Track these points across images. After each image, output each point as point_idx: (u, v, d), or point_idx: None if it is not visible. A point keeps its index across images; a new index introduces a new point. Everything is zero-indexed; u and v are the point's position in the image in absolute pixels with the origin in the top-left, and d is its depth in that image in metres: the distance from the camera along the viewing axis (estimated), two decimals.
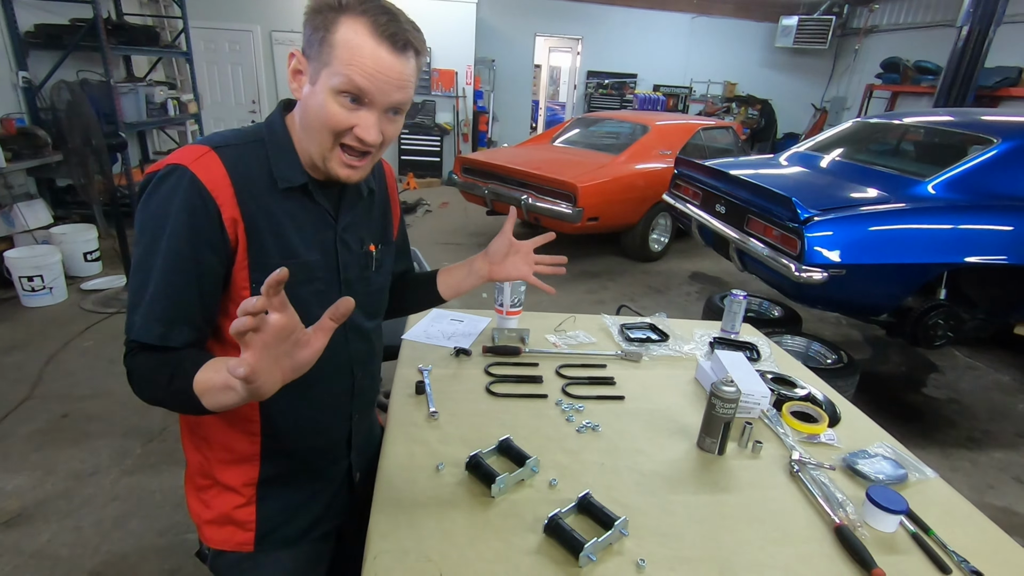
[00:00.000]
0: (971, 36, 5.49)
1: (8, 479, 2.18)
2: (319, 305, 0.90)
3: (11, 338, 3.22)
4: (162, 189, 0.79)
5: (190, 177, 0.78)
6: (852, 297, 2.76)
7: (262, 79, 7.75)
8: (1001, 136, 2.82)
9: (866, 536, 0.95)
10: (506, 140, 8.99)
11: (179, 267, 0.78)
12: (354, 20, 0.76)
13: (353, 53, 0.76)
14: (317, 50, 0.78)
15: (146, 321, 0.78)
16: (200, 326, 0.83)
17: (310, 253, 0.89)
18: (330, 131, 0.80)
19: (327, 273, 0.92)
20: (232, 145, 0.84)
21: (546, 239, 1.19)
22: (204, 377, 0.71)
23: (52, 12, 4.71)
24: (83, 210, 4.71)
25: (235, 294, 0.85)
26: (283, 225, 0.86)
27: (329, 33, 0.77)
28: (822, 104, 9.53)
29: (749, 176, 3.08)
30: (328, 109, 0.79)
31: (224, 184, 0.80)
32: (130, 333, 0.79)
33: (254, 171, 0.84)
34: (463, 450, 1.05)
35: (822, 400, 1.38)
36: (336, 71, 0.77)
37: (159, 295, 0.78)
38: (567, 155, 5.37)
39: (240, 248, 0.82)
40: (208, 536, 0.97)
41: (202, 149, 0.81)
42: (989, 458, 2.79)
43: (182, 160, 0.79)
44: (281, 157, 0.86)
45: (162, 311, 0.78)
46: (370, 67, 0.77)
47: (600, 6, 8.86)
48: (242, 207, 0.82)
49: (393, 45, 0.77)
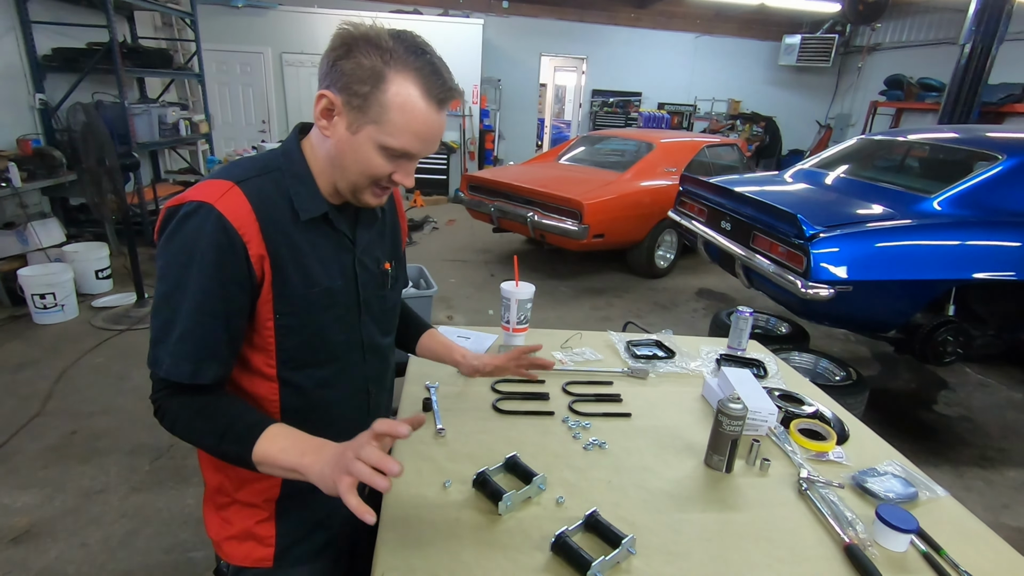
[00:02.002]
0: (974, 53, 5.52)
1: (17, 496, 2.19)
2: (340, 329, 0.93)
3: (23, 354, 3.25)
4: (188, 227, 0.78)
5: (216, 215, 0.78)
6: (859, 313, 2.75)
7: (272, 100, 7.89)
8: (1006, 152, 2.83)
9: (876, 555, 0.94)
10: (512, 158, 9.07)
11: (208, 306, 0.79)
12: (404, 78, 0.76)
13: (408, 119, 0.77)
14: (362, 103, 0.77)
15: (175, 360, 0.79)
16: (228, 362, 0.84)
17: (332, 280, 0.90)
18: (368, 177, 0.82)
19: (347, 297, 0.93)
20: (252, 178, 0.83)
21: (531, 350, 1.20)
22: (265, 451, 0.78)
23: (69, 36, 4.83)
24: (95, 228, 4.78)
25: (259, 326, 0.86)
26: (305, 255, 0.86)
27: (378, 91, 0.76)
28: (826, 121, 9.58)
29: (754, 193, 3.10)
30: (373, 162, 0.81)
31: (250, 220, 0.80)
32: (158, 370, 0.80)
33: (276, 203, 0.84)
34: (470, 467, 1.05)
35: (830, 417, 1.38)
36: (388, 132, 0.78)
37: (187, 334, 0.79)
38: (573, 173, 5.41)
39: (266, 282, 0.83)
40: (228, 552, 0.98)
41: (226, 185, 0.80)
42: (1003, 477, 2.74)
43: (207, 197, 0.78)
44: (301, 188, 0.86)
45: (193, 350, 0.79)
46: (423, 131, 0.79)
47: (605, 26, 8.98)
48: (267, 241, 0.82)
49: (441, 106, 0.80)
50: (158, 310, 0.80)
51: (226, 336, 0.82)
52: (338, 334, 0.93)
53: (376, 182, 0.84)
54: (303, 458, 0.76)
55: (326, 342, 0.92)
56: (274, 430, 0.79)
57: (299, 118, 7.81)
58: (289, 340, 0.88)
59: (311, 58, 7.66)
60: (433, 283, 3.10)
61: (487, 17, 8.26)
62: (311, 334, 0.89)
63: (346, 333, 0.94)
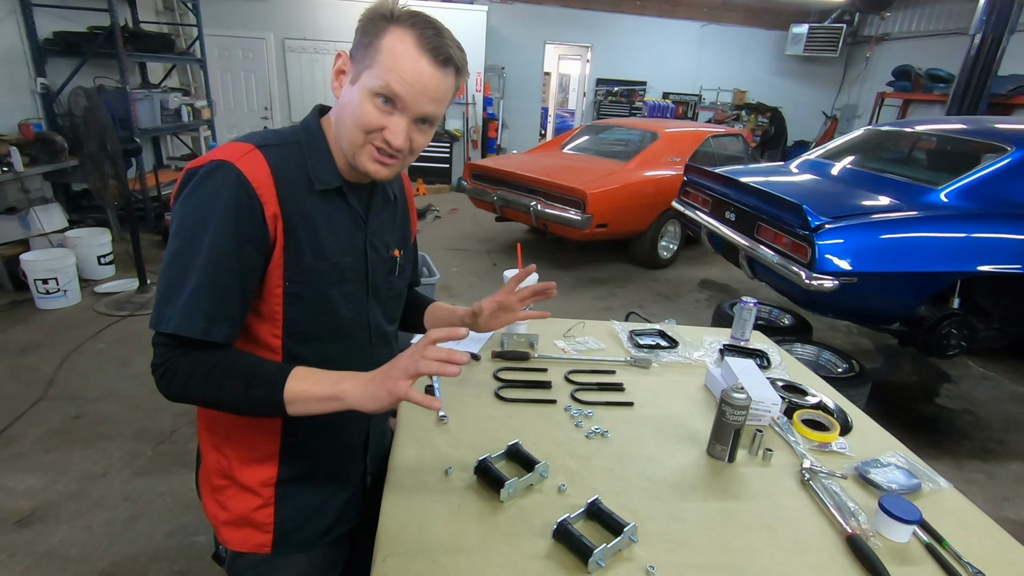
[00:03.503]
0: (984, 44, 5.46)
1: (21, 479, 2.21)
2: (347, 306, 0.93)
3: (26, 339, 3.26)
4: (208, 184, 0.79)
5: (237, 173, 0.79)
6: (863, 305, 2.74)
7: (275, 86, 7.83)
8: (1015, 144, 2.80)
9: (879, 546, 0.94)
10: (515, 147, 9.02)
11: (223, 262, 0.78)
12: (402, 30, 0.79)
13: (396, 60, 0.79)
14: (363, 53, 0.81)
15: (186, 315, 0.77)
16: (239, 323, 0.83)
17: (343, 255, 0.90)
18: (361, 128, 0.82)
19: (356, 275, 0.94)
20: (273, 145, 0.85)
21: (528, 273, 1.11)
22: (299, 388, 0.78)
23: (71, 20, 4.80)
24: (97, 214, 4.78)
25: (267, 293, 0.85)
26: (318, 226, 0.87)
27: (377, 39, 0.80)
28: (833, 112, 9.50)
29: (759, 183, 3.07)
30: (363, 108, 0.81)
31: (268, 182, 0.81)
32: (164, 327, 0.77)
33: (293, 172, 0.85)
34: (472, 454, 1.05)
35: (833, 408, 1.37)
36: (376, 74, 0.79)
37: (201, 289, 0.77)
38: (576, 162, 5.38)
39: (277, 246, 0.83)
40: (226, 538, 0.98)
41: (247, 147, 0.82)
42: (1005, 470, 2.74)
43: (228, 157, 0.80)
44: (318, 160, 0.88)
45: (206, 305, 0.77)
46: (409, 75, 0.79)
47: (610, 14, 8.89)
48: (283, 205, 0.83)
49: (435, 58, 0.80)
50: (168, 267, 0.79)
51: (240, 294, 0.81)
52: (345, 311, 0.93)
53: (369, 139, 0.83)
54: (340, 383, 0.78)
55: (333, 317, 0.92)
56: (301, 371, 0.80)
57: (302, 104, 7.85)
58: (296, 310, 0.88)
59: (314, 44, 7.59)
60: (436, 271, 3.10)
61: (491, 4, 8.18)
62: (318, 306, 0.89)
63: (354, 311, 0.94)
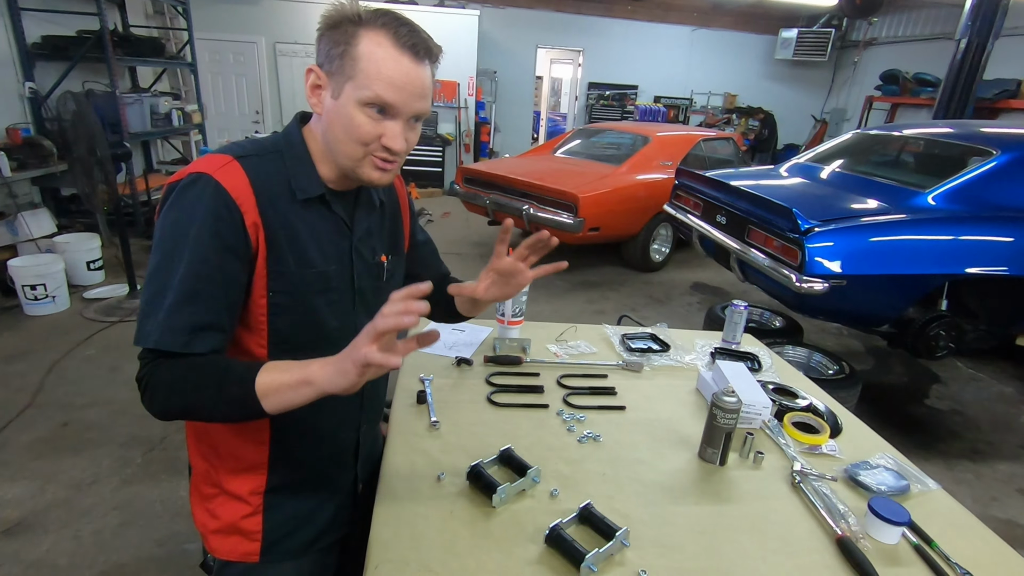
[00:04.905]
0: (970, 48, 5.52)
1: (8, 488, 2.18)
2: (332, 315, 0.92)
3: (14, 346, 3.23)
4: (187, 197, 0.79)
5: (215, 185, 0.79)
6: (853, 308, 2.76)
7: (266, 90, 7.82)
8: (1000, 148, 2.84)
9: (868, 548, 0.94)
10: (508, 151, 9.02)
11: (204, 274, 0.78)
12: (375, 32, 0.78)
13: (379, 66, 0.78)
14: (339, 64, 0.79)
15: (167, 329, 0.76)
16: (225, 333, 0.82)
17: (327, 264, 0.90)
18: (359, 142, 0.82)
19: (342, 283, 0.93)
20: (252, 156, 0.84)
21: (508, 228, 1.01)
22: (270, 379, 0.74)
23: (59, 24, 4.76)
24: (86, 219, 4.72)
25: (252, 303, 0.85)
26: (301, 235, 0.87)
27: (350, 47, 0.78)
28: (822, 115, 9.58)
29: (750, 187, 3.09)
30: (355, 121, 0.80)
31: (247, 193, 0.81)
32: (145, 342, 0.76)
33: (274, 181, 0.85)
34: (464, 460, 1.05)
35: (823, 411, 1.38)
36: (362, 84, 0.78)
37: (182, 302, 0.76)
38: (568, 166, 5.40)
39: (260, 256, 0.83)
40: (214, 546, 0.97)
41: (225, 158, 0.82)
42: (993, 470, 2.77)
43: (206, 169, 0.80)
44: (299, 169, 0.87)
45: (187, 318, 0.77)
46: (396, 79, 0.78)
47: (601, 18, 8.94)
48: (263, 215, 0.82)
49: (415, 55, 0.79)
50: (149, 282, 0.78)
51: (225, 306, 0.80)
52: (331, 319, 0.92)
53: (369, 150, 0.83)
54: (308, 367, 0.73)
55: (319, 326, 0.91)
56: (272, 363, 0.77)
57: (293, 108, 7.82)
58: (281, 320, 0.87)
59: (305, 48, 7.58)
60: None
61: (484, 8, 8.20)
62: (304, 315, 0.89)
63: (340, 319, 0.93)
